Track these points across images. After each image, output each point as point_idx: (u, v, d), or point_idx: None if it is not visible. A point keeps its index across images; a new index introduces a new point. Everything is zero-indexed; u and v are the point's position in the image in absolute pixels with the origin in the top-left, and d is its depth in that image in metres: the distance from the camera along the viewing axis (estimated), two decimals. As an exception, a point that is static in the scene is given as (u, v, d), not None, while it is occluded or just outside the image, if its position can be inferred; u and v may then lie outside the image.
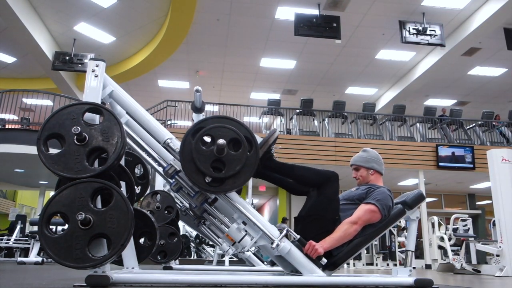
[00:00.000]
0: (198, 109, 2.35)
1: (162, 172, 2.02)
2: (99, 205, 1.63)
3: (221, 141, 1.72)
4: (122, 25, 10.03)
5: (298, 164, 2.24)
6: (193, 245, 9.77)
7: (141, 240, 2.34)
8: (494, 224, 6.51)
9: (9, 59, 11.59)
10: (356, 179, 2.43)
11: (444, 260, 8.05)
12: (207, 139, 1.83)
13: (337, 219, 2.12)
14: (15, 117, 12.19)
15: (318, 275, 1.93)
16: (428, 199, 13.47)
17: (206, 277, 1.85)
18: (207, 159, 1.76)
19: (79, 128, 1.63)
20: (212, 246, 8.75)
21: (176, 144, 1.94)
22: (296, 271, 2.01)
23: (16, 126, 11.00)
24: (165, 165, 1.98)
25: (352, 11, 9.17)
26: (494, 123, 11.90)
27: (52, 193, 1.67)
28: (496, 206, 5.61)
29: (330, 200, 2.10)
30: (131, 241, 2.08)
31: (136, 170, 2.58)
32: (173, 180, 1.96)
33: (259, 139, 2.04)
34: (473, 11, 9.04)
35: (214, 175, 1.77)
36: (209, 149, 1.78)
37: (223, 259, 6.08)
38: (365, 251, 9.25)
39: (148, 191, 3.06)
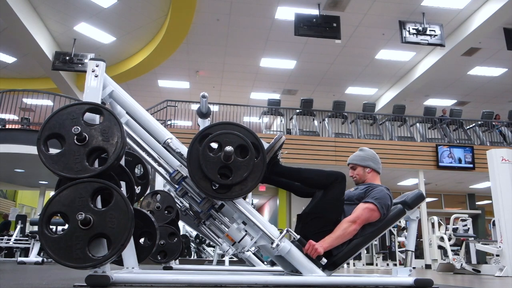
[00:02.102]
0: (203, 115, 2.36)
1: (163, 173, 2.02)
2: (99, 205, 1.63)
3: (228, 148, 1.72)
4: (122, 25, 10.03)
5: (302, 166, 2.24)
6: (193, 245, 9.78)
7: (141, 240, 2.34)
8: (494, 224, 6.50)
9: (9, 59, 11.58)
10: (353, 178, 2.44)
11: (444, 260, 8.05)
12: (214, 145, 1.83)
13: (339, 220, 2.12)
14: (15, 117, 12.20)
15: (318, 275, 1.93)
16: (428, 199, 13.47)
17: (206, 277, 1.85)
18: (214, 166, 1.76)
19: (79, 128, 1.63)
20: (212, 246, 8.76)
21: (176, 144, 1.94)
22: (296, 271, 2.01)
23: (16, 126, 11.01)
24: (171, 171, 1.97)
25: (352, 11, 9.17)
26: (494, 123, 11.90)
27: (52, 193, 1.67)
28: (496, 206, 5.61)
29: (334, 200, 2.11)
30: (131, 241, 2.08)
31: (136, 170, 2.58)
32: (179, 185, 1.96)
33: (265, 145, 2.04)
34: (473, 11, 9.04)
35: (221, 182, 1.76)
36: (216, 155, 1.77)
37: (223, 259, 6.08)
38: (365, 251, 9.25)
39: (148, 191, 3.06)
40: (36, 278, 2.48)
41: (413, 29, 8.81)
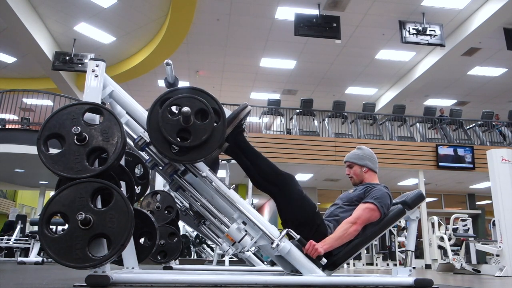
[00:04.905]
0: (171, 84, 2.28)
1: (133, 145, 2.02)
2: (99, 205, 1.63)
3: (185, 109, 1.71)
4: (122, 25, 10.03)
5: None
6: (193, 245, 9.78)
7: (141, 240, 2.34)
8: (494, 224, 6.51)
9: (9, 59, 11.58)
10: (349, 177, 2.42)
11: (444, 260, 8.04)
12: (176, 110, 1.83)
13: (316, 212, 2.11)
14: (15, 117, 12.19)
15: (318, 275, 1.93)
16: (428, 199, 13.47)
17: (206, 277, 1.85)
18: (173, 128, 1.76)
19: (79, 128, 1.63)
20: (211, 248, 8.76)
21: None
22: (296, 271, 2.01)
23: (16, 126, 11.01)
24: (135, 137, 1.99)
25: (352, 11, 9.17)
26: (494, 123, 11.90)
27: (52, 193, 1.67)
28: (496, 206, 5.61)
29: (300, 199, 2.10)
30: (131, 241, 2.08)
31: (136, 170, 2.58)
32: (148, 157, 2.00)
33: (229, 113, 2.03)
34: (473, 11, 9.05)
35: (180, 144, 1.77)
36: (175, 118, 1.77)
37: (223, 259, 6.08)
38: (365, 251, 9.25)
39: (148, 191, 3.06)
40: (36, 278, 2.48)
41: (413, 29, 8.82)
